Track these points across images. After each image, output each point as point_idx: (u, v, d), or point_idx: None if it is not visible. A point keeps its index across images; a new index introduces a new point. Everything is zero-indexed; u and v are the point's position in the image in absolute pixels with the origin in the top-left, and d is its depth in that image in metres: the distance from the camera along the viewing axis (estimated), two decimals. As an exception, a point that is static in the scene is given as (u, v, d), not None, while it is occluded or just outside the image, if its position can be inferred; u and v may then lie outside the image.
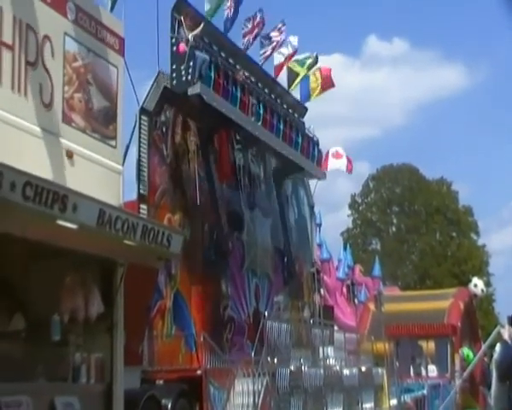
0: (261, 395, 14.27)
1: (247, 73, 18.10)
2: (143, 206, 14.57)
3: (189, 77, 15.28)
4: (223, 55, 17.62)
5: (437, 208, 55.80)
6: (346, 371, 18.85)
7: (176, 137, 16.51)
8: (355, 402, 18.83)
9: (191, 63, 15.15)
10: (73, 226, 8.50)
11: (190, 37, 15.49)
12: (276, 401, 14.78)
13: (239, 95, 17.26)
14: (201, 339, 14.96)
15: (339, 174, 27.28)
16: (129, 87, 13.88)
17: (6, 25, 8.84)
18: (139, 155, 14.85)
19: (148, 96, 15.42)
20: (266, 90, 19.77)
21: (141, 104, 15.12)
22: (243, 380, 14.35)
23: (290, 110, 21.27)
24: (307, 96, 23.00)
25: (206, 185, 17.43)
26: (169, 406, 12.05)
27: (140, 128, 14.97)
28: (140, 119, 15.02)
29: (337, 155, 25.38)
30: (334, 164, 25.13)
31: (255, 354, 15.73)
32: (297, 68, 22.14)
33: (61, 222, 8.31)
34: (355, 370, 19.44)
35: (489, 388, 15.76)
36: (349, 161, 25.31)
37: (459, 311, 27.69)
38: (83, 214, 8.46)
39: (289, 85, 22.12)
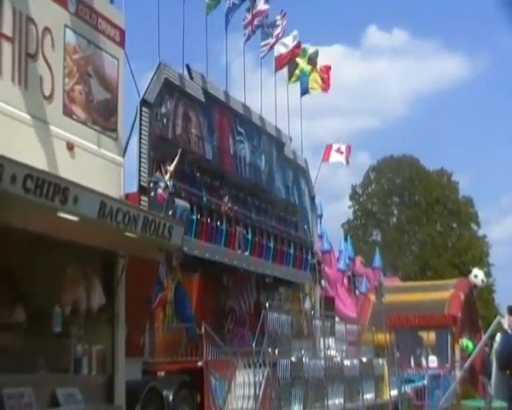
0: (262, 386, 14.31)
1: (229, 205, 17.72)
2: (144, 198, 14.56)
3: None
4: (207, 179, 17.17)
5: (437, 199, 55.83)
6: (346, 362, 18.89)
7: (177, 129, 16.50)
8: (356, 393, 18.87)
9: (170, 212, 14.40)
10: (74, 218, 8.52)
11: (169, 182, 14.93)
12: (276, 392, 14.81)
13: (224, 228, 17.05)
14: (202, 330, 14.97)
15: (339, 165, 27.36)
16: (129, 79, 13.89)
17: (6, 17, 8.84)
18: (140, 147, 14.83)
19: (148, 87, 15.39)
20: (256, 202, 19.44)
21: (141, 96, 15.09)
22: (244, 371, 14.39)
23: (282, 214, 20.91)
24: (306, 89, 23.04)
25: (206, 177, 17.41)
26: (170, 397, 12.08)
27: (141, 120, 14.95)
28: (141, 110, 14.98)
29: (338, 150, 25.51)
30: (336, 157, 25.31)
31: (256, 345, 15.76)
32: (297, 59, 22.17)
33: (62, 214, 8.33)
34: (356, 361, 19.48)
35: (489, 377, 15.84)
36: (348, 151, 25.46)
37: (459, 301, 27.74)
38: (84, 206, 8.47)
39: (290, 77, 22.13)
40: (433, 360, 25.87)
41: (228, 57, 19.93)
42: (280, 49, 21.44)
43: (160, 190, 14.73)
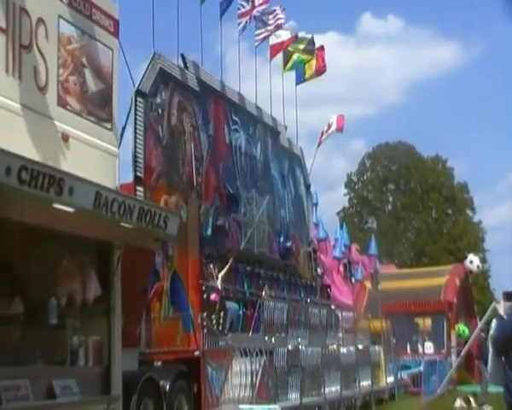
0: (259, 375, 14.35)
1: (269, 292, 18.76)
2: (140, 188, 14.55)
3: (220, 328, 15.62)
4: (247, 268, 18.60)
5: (432, 186, 55.94)
6: (343, 350, 18.96)
7: (172, 119, 16.47)
8: (352, 380, 18.96)
9: (222, 313, 15.83)
10: (70, 209, 8.49)
11: (220, 286, 16.26)
12: (273, 381, 14.86)
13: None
14: (199, 320, 14.99)
15: (334, 154, 27.35)
16: (124, 69, 13.86)
17: (-1, 8, 8.78)
18: (135, 137, 14.81)
19: (143, 77, 15.36)
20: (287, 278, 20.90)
21: (136, 86, 15.06)
22: (241, 360, 14.42)
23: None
24: (302, 77, 22.99)
25: (202, 167, 17.42)
26: (167, 387, 12.10)
27: (136, 110, 14.92)
28: (136, 101, 14.96)
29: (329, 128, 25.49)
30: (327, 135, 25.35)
31: (252, 334, 15.80)
32: (291, 48, 22.09)
33: (57, 205, 8.29)
34: (352, 348, 19.55)
35: (485, 363, 15.89)
36: (339, 120, 25.41)
37: (455, 287, 27.87)
38: (79, 197, 8.44)
39: (284, 66, 22.09)
40: (429, 347, 26.03)
41: (222, 46, 19.91)
42: (276, 39, 21.38)
43: (213, 295, 15.94)
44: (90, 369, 9.97)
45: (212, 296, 16.04)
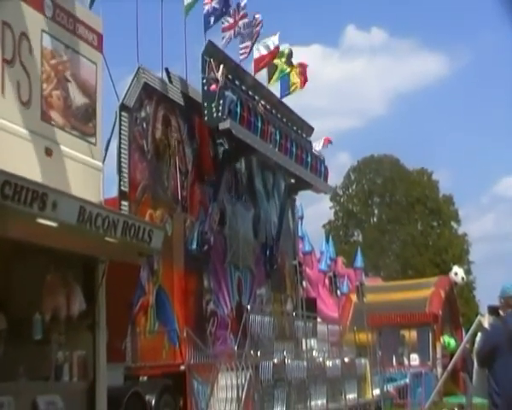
0: (245, 389, 14.34)
1: (263, 102, 20.16)
2: (125, 202, 14.54)
3: (219, 114, 17.08)
4: (243, 88, 19.37)
5: (418, 198, 56.19)
6: (329, 363, 18.96)
7: (156, 133, 16.49)
8: (338, 393, 18.95)
9: (221, 102, 17.09)
10: (53, 224, 8.46)
11: (220, 78, 17.32)
12: (259, 394, 14.85)
13: (260, 125, 18.93)
14: (184, 334, 14.97)
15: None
16: (108, 83, 13.84)
17: (-18, 23, 8.77)
18: (119, 152, 14.80)
19: (127, 92, 15.37)
20: (279, 115, 21.39)
21: (121, 100, 15.07)
22: (227, 374, 14.41)
23: (299, 131, 22.79)
24: (287, 90, 23.09)
25: (187, 180, 17.43)
26: (153, 402, 12.08)
27: (120, 124, 14.92)
28: (120, 115, 14.96)
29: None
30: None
31: (238, 348, 15.79)
32: (275, 61, 22.19)
33: (41, 220, 8.27)
34: (338, 361, 19.56)
35: (469, 374, 15.94)
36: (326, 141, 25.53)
37: (440, 299, 27.93)
38: (63, 212, 8.41)
39: (269, 80, 22.18)
40: (414, 359, 26.03)
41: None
42: (260, 51, 21.45)
43: (212, 83, 17.13)
44: (75, 384, 9.93)
45: (212, 87, 17.13)
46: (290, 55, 22.68)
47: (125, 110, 15.17)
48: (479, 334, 7.96)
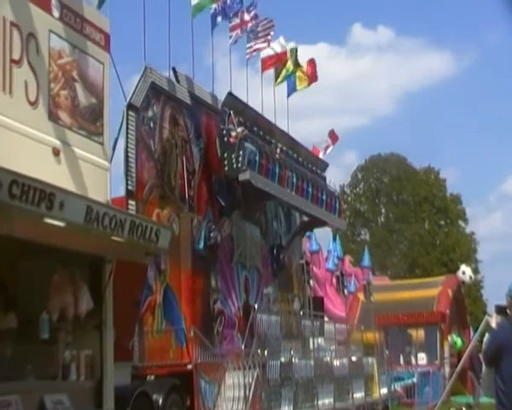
0: (252, 388, 14.34)
1: (280, 145, 20.36)
2: (132, 202, 14.55)
3: (239, 165, 17.53)
4: (261, 133, 19.76)
5: (425, 197, 56.07)
6: (336, 362, 18.95)
7: (164, 132, 16.50)
8: (346, 392, 18.94)
9: (240, 153, 17.54)
10: (61, 224, 8.48)
11: (240, 130, 17.71)
12: (266, 393, 14.85)
13: (277, 171, 19.35)
14: (192, 333, 14.98)
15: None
16: (115, 83, 13.87)
17: (-10, 23, 8.79)
18: (127, 151, 14.81)
19: (135, 91, 15.37)
20: (295, 155, 21.81)
21: (128, 100, 15.07)
22: (234, 373, 14.42)
23: (314, 168, 23.30)
24: (293, 89, 23.10)
25: (194, 180, 17.44)
26: (160, 401, 12.08)
27: (127, 124, 14.93)
28: (127, 114, 14.97)
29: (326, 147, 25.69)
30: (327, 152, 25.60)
31: (245, 347, 15.79)
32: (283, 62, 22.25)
33: (48, 220, 8.29)
34: (345, 360, 19.54)
35: (477, 374, 15.92)
36: (332, 135, 25.63)
37: (448, 298, 27.86)
38: (70, 212, 8.44)
39: (276, 79, 22.19)
40: (422, 358, 25.98)
41: (213, 58, 19.95)
42: (267, 52, 21.48)
43: (232, 136, 17.54)
44: (82, 383, 9.94)
45: (232, 139, 17.56)
46: (295, 53, 22.69)
47: (133, 110, 15.18)
48: (486, 334, 7.94)
